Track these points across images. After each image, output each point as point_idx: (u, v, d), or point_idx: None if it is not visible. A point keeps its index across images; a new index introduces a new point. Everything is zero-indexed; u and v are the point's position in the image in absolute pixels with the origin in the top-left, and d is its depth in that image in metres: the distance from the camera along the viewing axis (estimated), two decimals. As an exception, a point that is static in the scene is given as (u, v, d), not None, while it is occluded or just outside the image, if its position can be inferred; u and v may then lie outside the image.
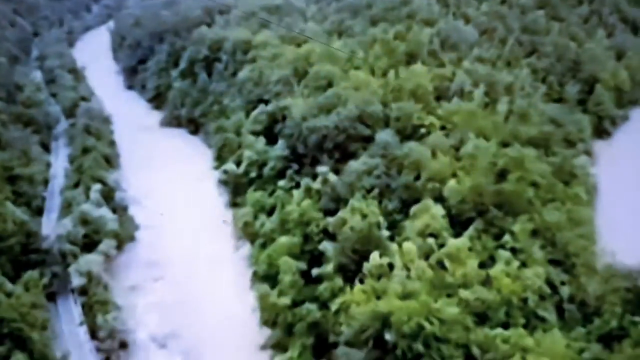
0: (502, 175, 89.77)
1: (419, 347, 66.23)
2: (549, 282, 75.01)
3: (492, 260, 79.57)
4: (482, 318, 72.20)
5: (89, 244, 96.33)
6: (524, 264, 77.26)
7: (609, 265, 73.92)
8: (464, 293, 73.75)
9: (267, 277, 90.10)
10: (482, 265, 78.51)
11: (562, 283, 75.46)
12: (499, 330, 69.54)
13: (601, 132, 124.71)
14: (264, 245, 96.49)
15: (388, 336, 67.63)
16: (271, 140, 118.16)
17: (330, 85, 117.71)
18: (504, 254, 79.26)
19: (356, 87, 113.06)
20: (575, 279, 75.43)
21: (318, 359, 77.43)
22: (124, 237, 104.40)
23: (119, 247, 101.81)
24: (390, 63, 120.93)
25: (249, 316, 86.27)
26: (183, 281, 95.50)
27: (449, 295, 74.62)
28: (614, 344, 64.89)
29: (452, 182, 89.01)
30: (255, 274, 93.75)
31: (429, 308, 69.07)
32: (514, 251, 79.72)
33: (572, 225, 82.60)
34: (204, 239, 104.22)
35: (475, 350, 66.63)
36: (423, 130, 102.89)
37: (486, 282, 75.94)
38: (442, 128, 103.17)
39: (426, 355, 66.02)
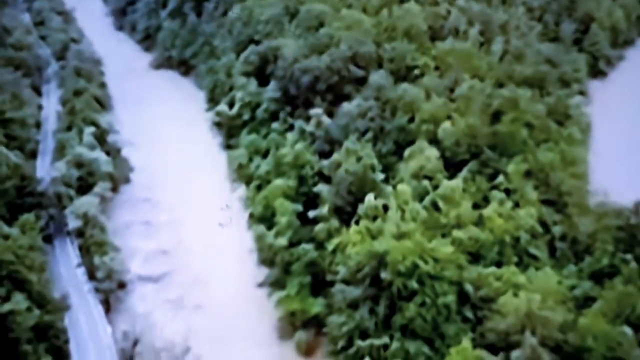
0: (496, 117, 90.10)
1: (413, 284, 67.32)
2: (542, 222, 76.10)
3: (486, 200, 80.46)
4: (475, 257, 73.53)
5: (84, 187, 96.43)
6: (517, 204, 78.18)
7: (601, 203, 74.79)
8: (457, 233, 74.86)
9: (264, 218, 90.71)
10: (475, 206, 79.42)
11: (555, 222, 76.51)
12: (492, 268, 70.84)
13: (596, 72, 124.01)
14: (259, 188, 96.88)
15: (384, 274, 68.66)
16: (263, 81, 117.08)
17: (322, 24, 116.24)
18: (498, 194, 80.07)
19: (348, 26, 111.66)
20: (567, 218, 76.43)
21: (315, 296, 78.54)
22: (119, 179, 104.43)
23: (114, 188, 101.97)
24: (383, 1, 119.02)
25: (247, 256, 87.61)
26: (179, 222, 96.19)
27: (443, 236, 75.76)
28: (605, 281, 66.22)
29: (446, 124, 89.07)
30: (251, 215, 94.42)
31: (424, 248, 69.98)
32: (507, 192, 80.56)
33: (565, 165, 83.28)
34: (199, 181, 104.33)
35: (468, 288, 67.98)
36: (417, 71, 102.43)
37: (480, 222, 76.91)
38: (436, 69, 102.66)
39: (420, 292, 67.16)
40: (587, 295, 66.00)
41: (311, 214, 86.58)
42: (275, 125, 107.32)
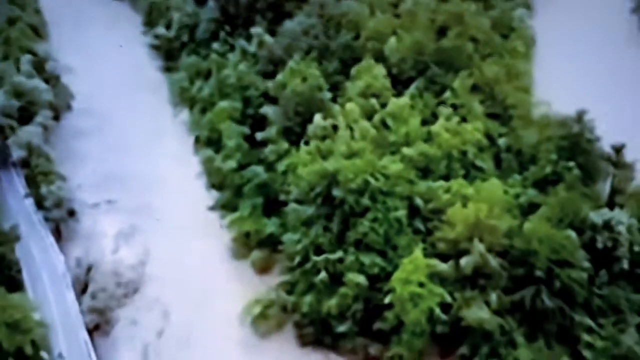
0: (441, 32, 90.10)
1: (365, 201, 68.55)
2: (488, 135, 77.52)
3: (434, 116, 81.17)
4: (424, 172, 74.72)
5: (25, 116, 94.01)
6: (464, 119, 79.21)
7: (544, 115, 76.47)
8: (407, 150, 75.68)
9: (211, 142, 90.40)
10: (424, 123, 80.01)
11: (500, 135, 78.12)
12: (441, 182, 72.33)
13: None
14: (203, 111, 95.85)
15: (336, 192, 69.47)
16: (200, 1, 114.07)
17: None
18: (445, 110, 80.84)
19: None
20: (512, 130, 78.03)
21: (268, 217, 79.31)
22: (60, 107, 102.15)
23: (56, 117, 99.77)
24: None
25: (195, 180, 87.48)
26: (124, 148, 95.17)
27: (392, 153, 76.56)
28: (549, 188, 68.43)
29: (392, 41, 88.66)
30: (197, 139, 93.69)
31: (374, 165, 71.00)
32: (454, 107, 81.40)
33: (510, 79, 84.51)
34: (141, 105, 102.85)
35: (418, 201, 69.51)
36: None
37: (428, 138, 77.91)
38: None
39: (372, 208, 68.45)
40: (531, 202, 68.19)
41: (259, 136, 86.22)
42: (215, 46, 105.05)
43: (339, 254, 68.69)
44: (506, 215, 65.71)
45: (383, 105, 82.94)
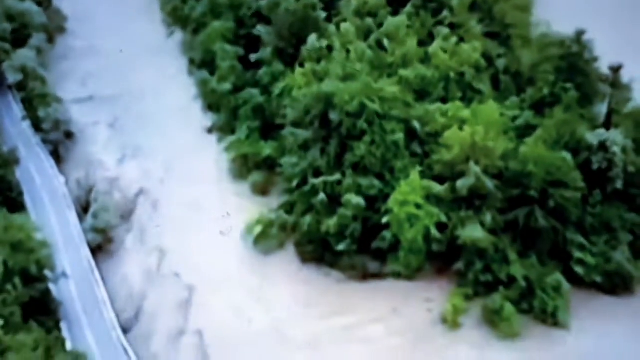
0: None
1: (362, 124, 68.66)
2: (486, 56, 76.84)
3: (431, 37, 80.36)
4: (421, 94, 74.50)
5: (19, 40, 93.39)
6: (461, 39, 78.46)
7: (543, 34, 75.57)
8: (403, 72, 75.12)
9: (205, 63, 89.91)
10: (421, 43, 79.15)
11: (499, 55, 77.64)
12: (438, 104, 72.13)
13: None
14: (196, 31, 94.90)
15: (332, 116, 69.54)
16: None
17: None
18: (443, 30, 79.82)
19: None
20: (510, 51, 77.58)
21: (265, 139, 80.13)
22: (54, 30, 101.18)
23: (50, 40, 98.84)
24: None
25: (191, 102, 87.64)
26: (119, 69, 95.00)
27: (389, 75, 76.10)
28: (546, 109, 68.65)
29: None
30: (192, 61, 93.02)
31: (371, 88, 70.67)
32: (452, 26, 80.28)
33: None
34: (134, 26, 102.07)
35: (416, 124, 69.54)
36: None
37: (425, 59, 77.48)
38: None
39: (369, 131, 68.64)
40: (528, 124, 68.44)
41: (253, 57, 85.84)
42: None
43: (337, 176, 69.37)
44: (503, 137, 66.01)
45: (379, 26, 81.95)
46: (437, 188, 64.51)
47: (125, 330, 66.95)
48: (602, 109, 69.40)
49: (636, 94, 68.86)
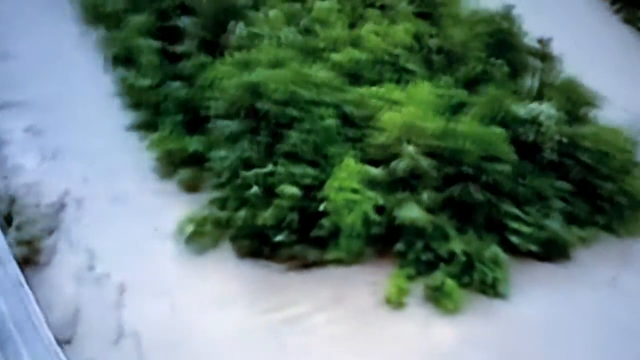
0: None
1: (293, 112, 78.70)
2: (417, 36, 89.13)
3: (362, 19, 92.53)
4: (355, 78, 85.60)
5: None
6: (393, 21, 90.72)
7: (473, 12, 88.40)
8: (335, 56, 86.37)
9: (125, 59, 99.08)
10: (351, 26, 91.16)
11: (430, 35, 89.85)
12: (371, 88, 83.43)
13: None
14: (115, 27, 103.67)
15: (260, 105, 79.16)
16: None
17: None
18: (373, 12, 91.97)
19: None
20: (441, 30, 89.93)
21: (191, 134, 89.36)
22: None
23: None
24: None
25: (111, 101, 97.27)
26: (33, 73, 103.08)
27: (321, 60, 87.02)
28: (479, 87, 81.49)
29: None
30: (110, 58, 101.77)
31: (300, 74, 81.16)
32: (382, 8, 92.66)
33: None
34: (46, 23, 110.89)
35: (348, 109, 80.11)
36: None
37: (357, 43, 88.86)
38: None
39: (300, 118, 78.85)
40: (462, 102, 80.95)
41: (177, 49, 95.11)
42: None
43: (270, 167, 78.63)
44: (437, 117, 78.03)
45: (309, 11, 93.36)
46: (373, 171, 75.18)
47: (62, 342, 73.34)
48: (533, 82, 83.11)
49: (566, 66, 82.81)
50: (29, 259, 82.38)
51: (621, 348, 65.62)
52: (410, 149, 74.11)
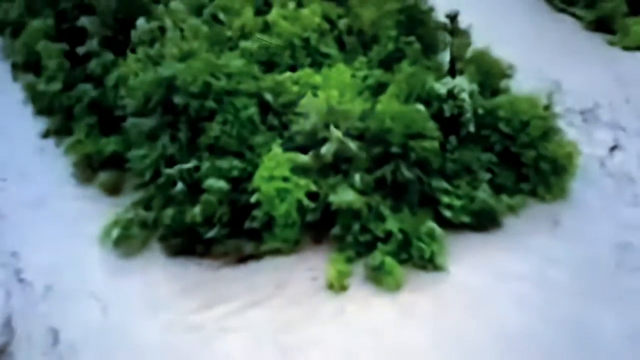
0: None
1: (210, 103, 76.34)
2: (327, 18, 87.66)
3: (268, 5, 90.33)
4: (268, 65, 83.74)
5: None
6: (300, 4, 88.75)
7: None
8: (245, 44, 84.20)
9: (30, 65, 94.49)
10: (258, 13, 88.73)
11: (339, 16, 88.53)
12: (287, 73, 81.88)
13: None
14: (16, 34, 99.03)
15: (176, 99, 76.47)
16: None
17: None
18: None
19: None
20: (350, 10, 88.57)
21: (107, 135, 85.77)
22: None
23: None
24: None
25: (21, 109, 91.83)
26: None
27: (230, 49, 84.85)
28: (394, 65, 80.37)
29: None
30: (14, 65, 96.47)
31: (213, 64, 78.47)
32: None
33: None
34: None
35: (268, 97, 78.08)
36: None
37: (266, 29, 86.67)
38: None
39: (220, 110, 76.49)
40: (379, 82, 79.92)
41: (80, 50, 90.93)
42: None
43: (193, 162, 76.30)
44: (357, 98, 77.17)
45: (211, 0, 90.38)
46: (302, 158, 73.47)
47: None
48: (445, 57, 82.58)
49: (476, 38, 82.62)
50: None
51: (557, 309, 65.98)
52: (337, 132, 72.67)
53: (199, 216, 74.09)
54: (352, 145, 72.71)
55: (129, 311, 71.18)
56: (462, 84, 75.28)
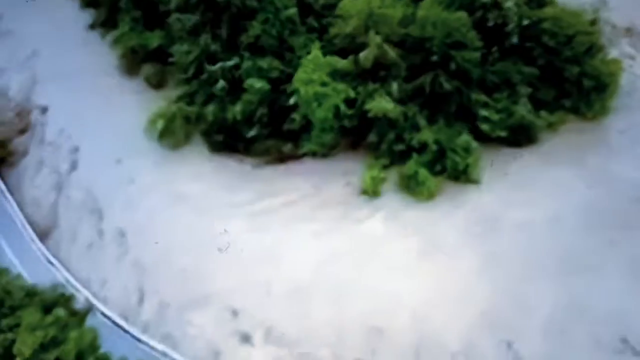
0: None
1: (253, 3, 66.57)
2: None
3: None
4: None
5: None
6: None
7: None
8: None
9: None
10: None
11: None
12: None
13: None
14: None
15: (219, -5, 67.28)
16: None
17: None
18: None
19: None
20: None
21: (152, 29, 75.78)
22: None
23: None
24: None
25: (67, 1, 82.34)
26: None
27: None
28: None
29: None
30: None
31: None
32: None
33: None
34: None
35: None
36: None
37: None
38: None
39: (261, 9, 66.63)
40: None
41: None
42: None
43: (235, 60, 67.66)
44: (398, 3, 65.78)
45: None
46: (341, 63, 64.19)
47: (40, 235, 65.83)
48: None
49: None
50: (3, 160, 73.21)
51: (583, 224, 56.46)
52: (377, 38, 62.78)
53: (239, 114, 66.19)
54: (392, 52, 62.58)
55: (177, 203, 64.12)
56: (509, -8, 63.42)
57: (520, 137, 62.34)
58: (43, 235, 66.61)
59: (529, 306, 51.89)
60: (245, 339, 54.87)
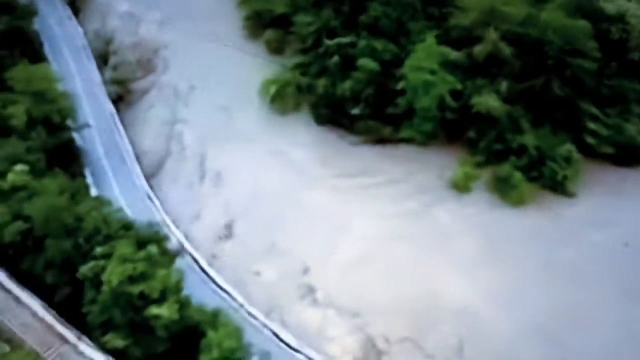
0: None
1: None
2: None
3: None
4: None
5: None
6: None
7: None
8: None
9: None
10: None
11: None
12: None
13: None
14: None
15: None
16: None
17: None
18: None
19: None
20: None
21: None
22: None
23: None
24: None
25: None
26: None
27: None
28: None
29: None
30: None
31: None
32: None
33: None
34: None
35: None
36: None
37: None
38: None
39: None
40: (549, -9, 63.04)
41: None
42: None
43: (351, 37, 65.54)
44: (521, 3, 61.05)
45: None
46: (454, 54, 60.79)
47: (148, 175, 66.13)
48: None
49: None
50: (122, 98, 73.78)
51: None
52: (494, 34, 58.74)
53: (348, 91, 64.17)
54: (507, 49, 58.31)
55: (275, 163, 63.46)
56: (636, 8, 57.40)
57: (626, 156, 56.80)
58: (149, 174, 67.00)
59: (585, 328, 48.78)
60: (308, 296, 54.16)
